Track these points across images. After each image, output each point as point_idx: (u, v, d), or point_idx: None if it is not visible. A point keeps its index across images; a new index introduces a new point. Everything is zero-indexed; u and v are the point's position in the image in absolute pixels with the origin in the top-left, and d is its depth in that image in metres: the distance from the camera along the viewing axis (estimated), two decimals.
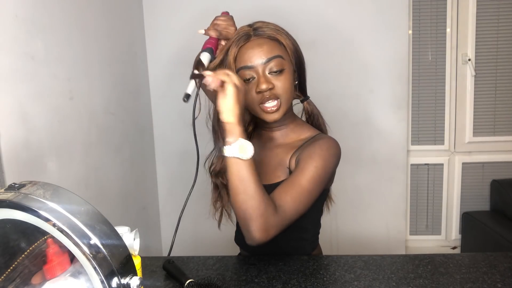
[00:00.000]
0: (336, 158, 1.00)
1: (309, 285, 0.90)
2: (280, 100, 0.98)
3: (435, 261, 0.98)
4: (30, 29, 1.15)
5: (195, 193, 0.98)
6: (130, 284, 0.54)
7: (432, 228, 2.39)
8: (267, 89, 0.96)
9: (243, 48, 0.99)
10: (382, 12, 2.04)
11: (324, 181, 0.98)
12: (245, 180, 0.88)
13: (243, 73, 0.98)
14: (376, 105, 2.12)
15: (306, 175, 0.94)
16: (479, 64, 2.23)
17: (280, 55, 0.98)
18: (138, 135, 1.99)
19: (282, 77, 0.98)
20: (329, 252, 1.13)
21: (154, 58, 2.12)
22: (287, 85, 0.99)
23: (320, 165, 0.96)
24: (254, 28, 1.01)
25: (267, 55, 0.97)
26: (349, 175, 2.14)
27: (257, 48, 0.98)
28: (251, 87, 0.98)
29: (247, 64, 0.98)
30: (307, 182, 0.94)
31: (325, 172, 0.97)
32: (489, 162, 2.30)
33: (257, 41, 0.99)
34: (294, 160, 1.02)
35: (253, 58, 0.97)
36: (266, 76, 0.97)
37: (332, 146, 1.00)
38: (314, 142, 1.01)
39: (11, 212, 0.53)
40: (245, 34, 1.00)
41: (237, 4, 1.34)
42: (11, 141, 1.05)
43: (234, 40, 1.00)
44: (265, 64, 0.97)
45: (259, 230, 0.87)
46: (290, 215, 0.92)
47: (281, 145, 1.07)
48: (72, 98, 1.36)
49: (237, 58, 1.00)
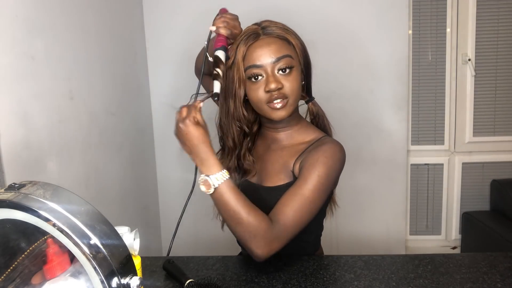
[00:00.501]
0: (340, 164, 0.99)
1: (309, 285, 0.90)
2: (288, 99, 0.97)
3: (435, 261, 0.98)
4: (30, 29, 1.15)
5: (195, 193, 0.98)
6: (130, 284, 0.54)
7: (432, 228, 2.39)
8: (276, 88, 0.95)
9: (252, 46, 0.98)
10: (382, 12, 2.04)
11: (328, 188, 0.97)
12: (225, 208, 0.89)
13: (251, 71, 0.97)
14: (376, 105, 2.12)
15: (309, 184, 0.93)
16: (479, 64, 2.23)
17: (289, 55, 0.98)
18: (138, 135, 1.99)
19: (291, 77, 0.97)
20: (329, 252, 1.13)
21: (154, 58, 2.12)
22: (296, 85, 0.98)
23: (323, 173, 0.94)
24: (262, 26, 1.00)
25: (276, 54, 0.96)
26: (349, 175, 2.12)
27: (266, 47, 0.97)
28: (259, 86, 0.97)
29: (256, 63, 0.97)
30: (309, 191, 0.93)
31: (329, 179, 0.96)
32: (489, 162, 2.30)
33: (267, 40, 0.98)
34: (298, 165, 1.01)
35: (262, 57, 0.96)
36: (275, 76, 0.97)
37: (337, 152, 0.99)
38: (318, 147, 1.00)
39: (11, 212, 0.53)
40: (254, 32, 0.99)
41: (237, 4, 1.34)
42: (11, 141, 1.05)
43: (243, 39, 0.99)
44: (274, 63, 0.96)
45: (258, 247, 0.88)
46: (293, 227, 0.92)
47: (285, 147, 1.06)
48: (72, 98, 1.36)
49: (245, 57, 0.98)
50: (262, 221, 0.89)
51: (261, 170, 1.08)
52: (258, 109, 1.01)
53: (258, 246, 0.88)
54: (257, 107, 1.00)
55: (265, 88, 0.96)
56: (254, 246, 0.88)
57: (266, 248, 0.88)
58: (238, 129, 1.05)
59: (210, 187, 0.88)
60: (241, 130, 1.06)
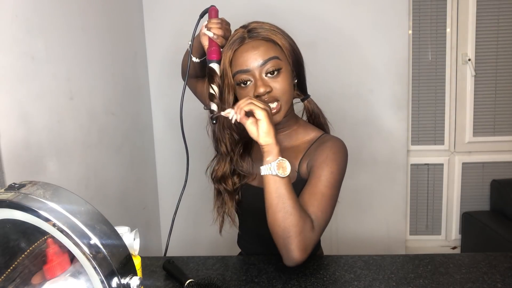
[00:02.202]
0: (346, 158, 1.02)
1: (309, 285, 0.90)
2: (280, 102, 0.97)
3: (435, 261, 0.98)
4: (30, 29, 1.15)
5: (195, 193, 0.98)
6: (130, 284, 0.53)
7: (432, 228, 2.39)
8: (264, 92, 0.94)
9: (238, 51, 0.97)
10: (382, 12, 2.04)
11: (340, 183, 0.99)
12: (283, 197, 0.88)
13: (239, 77, 0.97)
14: (376, 105, 2.12)
15: (325, 182, 0.95)
16: (479, 64, 2.23)
17: (276, 56, 0.96)
18: (138, 135, 1.99)
19: (279, 78, 0.96)
20: (329, 252, 1.13)
21: (154, 58, 2.12)
22: (286, 86, 0.97)
23: (336, 169, 0.96)
24: (248, 30, 0.99)
25: (263, 57, 0.95)
26: (349, 175, 2.11)
27: (252, 51, 0.96)
28: (248, 91, 0.97)
29: (243, 68, 0.96)
30: (327, 189, 0.95)
31: (341, 175, 0.99)
32: (489, 162, 2.31)
33: (252, 44, 0.97)
34: (305, 165, 1.01)
35: (248, 61, 0.95)
36: (263, 79, 0.96)
37: (342, 147, 1.01)
38: (322, 145, 1.01)
39: (11, 212, 0.53)
40: (239, 37, 0.98)
41: (235, 5, 1.34)
42: (11, 141, 1.05)
43: (229, 44, 0.98)
44: (261, 67, 0.95)
45: (299, 248, 0.88)
46: (323, 227, 0.94)
47: (286, 148, 1.06)
48: (72, 98, 1.36)
49: (232, 62, 0.98)
50: (308, 221, 0.90)
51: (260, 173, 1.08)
52: None
53: (299, 247, 0.88)
54: None
55: (254, 93, 0.95)
56: (294, 245, 0.88)
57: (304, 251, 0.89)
58: (230, 136, 1.06)
59: (286, 170, 0.89)
60: (233, 137, 1.06)
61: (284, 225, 0.88)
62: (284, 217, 0.88)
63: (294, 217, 0.88)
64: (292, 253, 0.88)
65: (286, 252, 0.90)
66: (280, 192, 0.89)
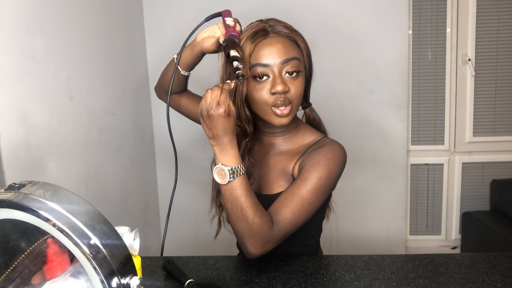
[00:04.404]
0: (341, 166, 0.97)
1: (309, 285, 0.90)
2: (292, 105, 0.93)
3: (435, 261, 0.98)
4: (30, 29, 1.15)
5: (195, 193, 0.98)
6: (130, 284, 0.53)
7: (432, 228, 2.39)
8: (283, 91, 0.91)
9: (260, 44, 0.92)
10: (382, 12, 2.04)
11: (327, 191, 0.96)
12: (235, 201, 0.88)
13: (257, 70, 0.92)
14: (376, 105, 2.12)
15: (308, 186, 0.92)
16: (479, 64, 2.23)
17: (297, 57, 0.94)
18: (138, 135, 1.99)
19: (297, 81, 0.93)
20: (329, 252, 1.13)
21: (154, 58, 2.12)
22: (300, 91, 0.94)
23: (324, 175, 0.93)
24: (269, 24, 0.95)
25: (286, 55, 0.92)
26: (349, 175, 2.12)
27: (276, 46, 0.92)
28: (263, 86, 0.92)
29: (263, 62, 0.91)
30: (308, 193, 0.92)
31: (329, 182, 0.94)
32: (489, 162, 2.30)
33: (276, 39, 0.93)
34: (297, 166, 0.98)
35: (270, 56, 0.91)
36: (282, 77, 0.92)
37: (338, 154, 0.96)
38: (319, 148, 0.97)
39: (11, 212, 0.53)
40: (261, 29, 0.93)
41: (237, 3, 1.34)
42: (11, 141, 1.05)
43: (250, 35, 0.93)
44: (282, 65, 0.92)
45: (253, 247, 0.88)
46: (289, 228, 0.92)
47: (283, 152, 1.03)
48: (72, 98, 1.36)
49: (252, 54, 0.92)
50: (265, 222, 0.88)
51: (259, 177, 1.04)
52: (259, 110, 0.96)
53: (255, 245, 0.88)
54: (259, 108, 0.95)
55: (271, 89, 0.91)
56: (250, 245, 0.88)
57: (261, 248, 0.89)
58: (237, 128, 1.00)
59: (225, 178, 0.87)
60: (241, 129, 1.01)
61: (237, 227, 0.89)
62: (237, 220, 0.89)
63: (246, 222, 0.87)
64: (248, 250, 0.89)
65: (244, 248, 0.91)
66: (230, 198, 0.89)
